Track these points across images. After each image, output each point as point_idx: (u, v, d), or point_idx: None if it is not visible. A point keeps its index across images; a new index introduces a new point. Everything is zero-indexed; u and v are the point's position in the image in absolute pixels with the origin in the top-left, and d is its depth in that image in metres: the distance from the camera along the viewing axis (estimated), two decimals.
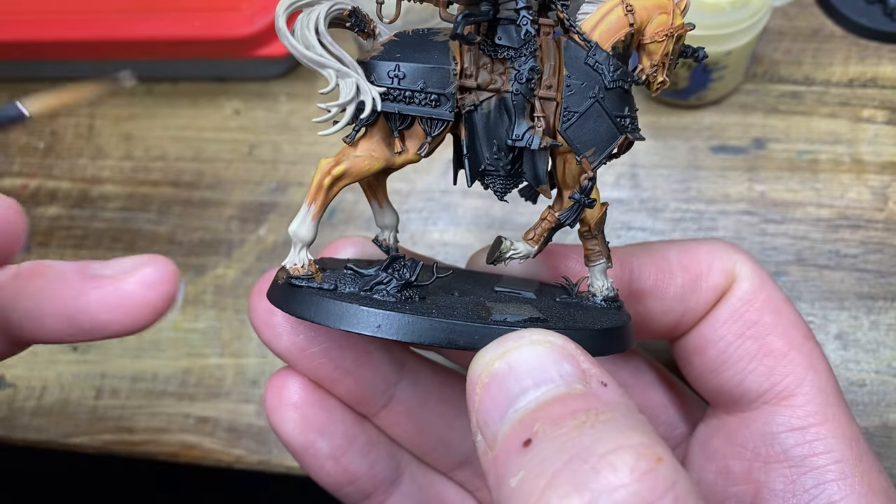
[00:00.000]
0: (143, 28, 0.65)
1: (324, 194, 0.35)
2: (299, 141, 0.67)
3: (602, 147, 0.35)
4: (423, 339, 0.32)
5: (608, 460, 0.26)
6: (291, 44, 0.34)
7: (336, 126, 0.35)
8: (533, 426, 0.28)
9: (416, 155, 0.36)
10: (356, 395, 0.42)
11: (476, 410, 0.30)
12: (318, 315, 0.33)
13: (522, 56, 0.35)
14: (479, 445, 0.30)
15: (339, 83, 0.34)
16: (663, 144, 0.63)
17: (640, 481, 0.25)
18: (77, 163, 0.69)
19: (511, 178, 0.37)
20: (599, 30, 0.35)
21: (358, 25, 0.36)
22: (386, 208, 0.41)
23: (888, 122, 0.61)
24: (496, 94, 0.35)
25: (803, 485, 0.37)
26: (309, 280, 0.35)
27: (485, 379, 0.30)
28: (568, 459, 0.26)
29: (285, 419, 0.41)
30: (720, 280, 0.41)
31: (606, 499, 0.25)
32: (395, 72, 0.35)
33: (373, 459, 0.43)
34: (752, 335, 0.40)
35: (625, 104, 0.36)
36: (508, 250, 0.38)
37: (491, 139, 0.36)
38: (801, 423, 0.38)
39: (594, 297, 0.38)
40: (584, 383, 0.29)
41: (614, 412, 0.28)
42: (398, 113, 0.35)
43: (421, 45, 0.35)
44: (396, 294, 0.34)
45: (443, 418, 0.44)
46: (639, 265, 0.41)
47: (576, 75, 0.35)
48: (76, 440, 0.60)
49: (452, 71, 0.35)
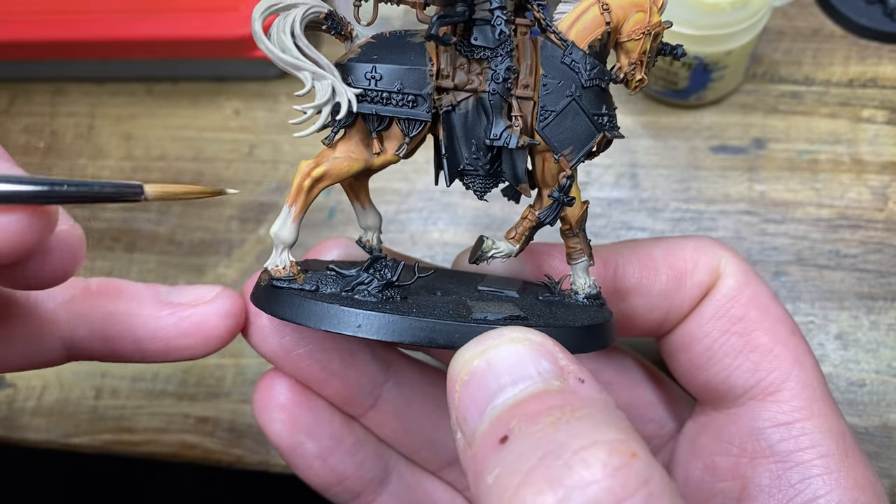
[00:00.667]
0: (143, 28, 0.65)
1: (304, 196, 0.35)
2: (299, 141, 0.66)
3: (580, 145, 0.36)
4: (404, 339, 0.32)
5: (581, 456, 0.26)
6: (267, 47, 0.34)
7: (312, 128, 0.35)
8: (510, 423, 0.28)
9: (394, 156, 0.36)
10: (343, 395, 0.43)
11: (455, 408, 0.30)
12: (299, 316, 0.33)
13: (499, 56, 0.35)
14: (458, 443, 0.30)
15: (315, 85, 0.34)
16: (663, 144, 0.63)
17: (613, 477, 0.25)
18: (77, 163, 0.69)
19: (490, 178, 0.37)
20: (576, 29, 0.36)
21: (334, 28, 0.36)
22: (368, 209, 0.41)
23: (888, 122, 0.61)
24: (473, 94, 0.35)
25: (789, 479, 0.38)
26: (291, 281, 0.35)
27: (464, 377, 0.30)
28: (542, 456, 0.26)
29: (273, 420, 0.42)
30: (705, 277, 0.41)
31: (579, 495, 0.25)
32: (371, 73, 0.35)
33: (361, 459, 0.43)
34: (737, 331, 0.40)
35: (602, 102, 0.36)
36: (490, 249, 0.38)
37: (469, 139, 0.36)
38: (786, 418, 0.39)
39: (576, 295, 0.38)
40: (562, 380, 0.29)
41: (591, 408, 0.28)
42: (376, 114, 0.35)
43: (398, 47, 0.36)
44: (378, 294, 0.34)
45: (430, 417, 0.44)
46: (623, 263, 0.41)
47: (552, 74, 0.35)
48: (76, 440, 0.60)
49: (429, 72, 0.35)
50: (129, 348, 0.38)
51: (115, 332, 0.38)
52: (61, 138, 0.70)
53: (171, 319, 0.38)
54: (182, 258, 0.64)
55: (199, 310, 0.38)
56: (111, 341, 0.38)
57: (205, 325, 0.38)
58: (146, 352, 0.38)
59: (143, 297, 0.39)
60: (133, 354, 0.38)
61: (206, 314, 0.38)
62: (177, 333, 0.38)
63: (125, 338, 0.38)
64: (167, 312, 0.38)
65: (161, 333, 0.38)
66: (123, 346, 0.38)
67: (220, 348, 0.39)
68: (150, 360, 0.39)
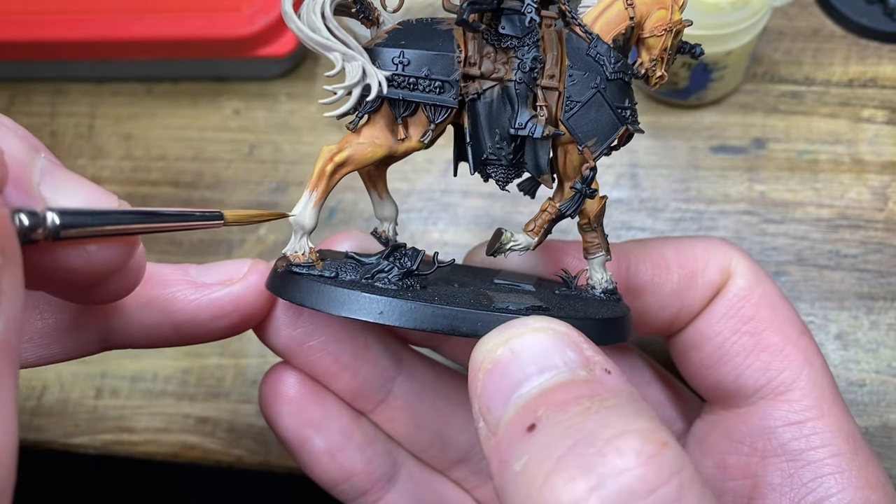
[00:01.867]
0: (143, 28, 0.65)
1: (326, 181, 0.35)
2: (299, 141, 0.67)
3: (603, 137, 0.36)
4: (426, 326, 0.32)
5: (614, 444, 0.26)
6: (298, 27, 0.34)
7: (342, 108, 0.35)
8: (537, 412, 0.28)
9: (419, 142, 0.36)
10: (354, 390, 0.42)
11: (478, 396, 0.30)
12: (319, 302, 0.33)
13: (525, 46, 0.35)
14: (480, 432, 0.30)
15: (345, 66, 0.34)
16: (663, 144, 0.63)
17: (646, 465, 0.25)
18: (77, 163, 0.69)
19: (513, 168, 0.37)
20: (600, 23, 0.36)
21: (363, 12, 0.36)
22: (386, 200, 0.41)
23: (888, 122, 0.61)
24: (499, 83, 0.35)
25: (801, 478, 0.38)
26: (310, 268, 0.35)
27: (487, 365, 0.30)
28: (573, 444, 0.26)
29: (281, 414, 0.41)
30: (716, 276, 0.41)
31: (612, 482, 0.25)
32: (399, 58, 0.35)
33: (369, 456, 0.43)
34: (748, 331, 0.40)
35: (625, 96, 0.36)
36: (509, 241, 0.38)
37: (493, 128, 0.36)
38: (798, 417, 0.39)
39: (593, 290, 0.38)
40: (588, 370, 0.29)
41: (618, 398, 0.28)
42: (402, 99, 0.35)
43: (425, 33, 0.35)
44: (398, 282, 0.34)
45: (440, 414, 0.44)
46: (636, 261, 0.41)
47: (578, 66, 0.35)
48: (76, 440, 0.60)
49: (457, 58, 0.35)
50: (168, 333, 0.38)
51: (152, 320, 0.37)
52: (61, 138, 0.70)
53: (205, 301, 0.38)
54: (182, 258, 0.64)
55: (234, 288, 0.38)
56: (148, 329, 0.38)
57: (241, 302, 0.38)
58: (185, 335, 0.38)
59: (176, 281, 0.38)
60: (172, 339, 0.38)
61: (241, 292, 0.38)
62: (213, 315, 0.38)
63: (162, 324, 0.38)
64: (202, 294, 0.38)
65: (199, 316, 0.38)
66: (161, 332, 0.38)
67: (258, 322, 0.39)
68: (189, 342, 0.39)
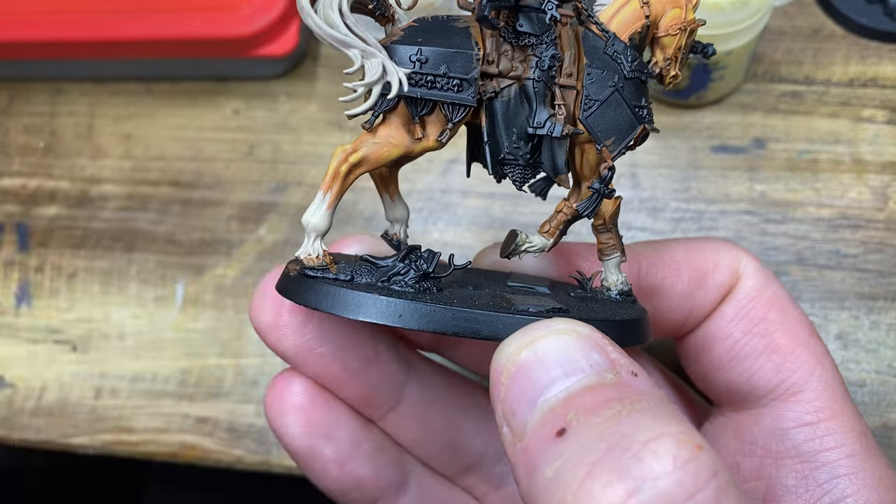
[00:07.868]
0: (143, 28, 0.65)
1: (340, 182, 0.34)
2: (299, 141, 0.66)
3: (621, 137, 0.35)
4: (447, 329, 0.31)
5: (650, 448, 0.25)
6: (315, 22, 0.33)
7: (362, 106, 0.34)
8: (566, 416, 0.27)
9: (436, 142, 0.35)
10: (363, 397, 0.41)
11: (502, 401, 0.29)
12: (335, 306, 0.32)
13: (543, 44, 0.35)
14: (505, 437, 0.29)
15: (364, 64, 0.33)
16: (663, 144, 0.62)
17: (684, 469, 0.25)
18: (77, 162, 0.69)
19: (529, 168, 0.36)
20: (616, 21, 0.36)
21: (379, 9, 0.35)
22: (397, 201, 0.40)
23: (888, 122, 0.61)
24: (517, 81, 0.35)
25: (816, 479, 0.37)
26: (324, 271, 0.34)
27: (510, 369, 0.29)
28: (608, 448, 0.25)
29: (289, 423, 0.40)
30: (726, 278, 0.41)
31: (651, 487, 0.24)
32: (417, 56, 0.34)
33: (379, 465, 0.42)
34: (758, 332, 0.40)
35: (642, 95, 0.36)
36: (524, 243, 0.37)
37: (510, 127, 0.35)
38: (811, 418, 0.38)
39: (609, 292, 0.38)
40: (615, 373, 0.29)
41: (648, 401, 0.28)
42: (420, 98, 0.34)
43: (442, 31, 0.35)
44: (414, 285, 0.33)
45: (450, 421, 0.43)
46: (647, 263, 0.41)
47: (596, 64, 0.35)
48: (76, 440, 0.60)
49: (475, 56, 0.34)
50: None
51: None
52: (61, 138, 0.70)
53: None
54: (181, 258, 0.64)
55: None
56: None
57: None
58: None
59: None
60: None
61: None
62: None
63: None
64: None
65: None
66: None
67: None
68: None
